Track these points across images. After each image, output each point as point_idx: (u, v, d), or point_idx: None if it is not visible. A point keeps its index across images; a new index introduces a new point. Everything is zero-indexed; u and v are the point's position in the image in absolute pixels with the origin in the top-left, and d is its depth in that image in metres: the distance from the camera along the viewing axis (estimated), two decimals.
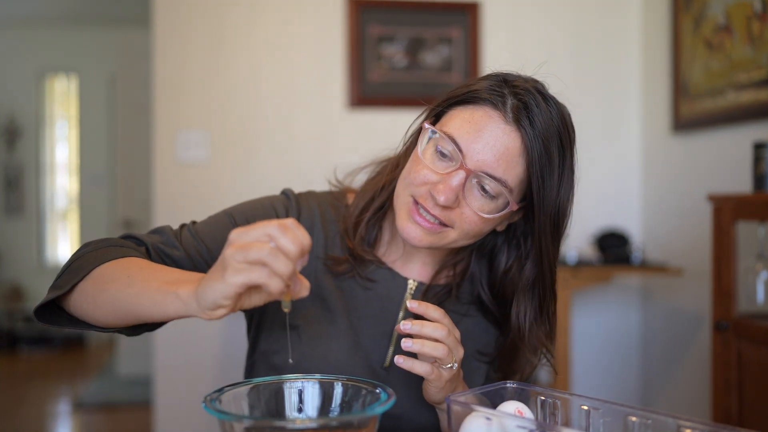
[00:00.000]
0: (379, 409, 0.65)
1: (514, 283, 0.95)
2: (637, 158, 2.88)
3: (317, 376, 0.75)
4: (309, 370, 0.91)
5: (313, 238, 0.97)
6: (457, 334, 0.83)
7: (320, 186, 1.10)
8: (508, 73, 0.89)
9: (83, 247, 0.85)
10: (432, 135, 0.88)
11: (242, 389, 0.71)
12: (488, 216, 0.86)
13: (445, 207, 0.85)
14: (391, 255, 0.99)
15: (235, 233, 0.64)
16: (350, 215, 0.98)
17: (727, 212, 1.80)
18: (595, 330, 2.87)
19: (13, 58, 5.55)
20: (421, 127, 0.91)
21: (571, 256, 2.49)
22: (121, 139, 4.51)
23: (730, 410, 1.77)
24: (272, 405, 0.73)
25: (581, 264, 2.46)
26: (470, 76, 2.73)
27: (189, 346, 2.59)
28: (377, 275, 0.97)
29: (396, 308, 0.97)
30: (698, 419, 0.66)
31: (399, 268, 0.99)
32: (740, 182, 2.17)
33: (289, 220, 0.65)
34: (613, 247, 2.61)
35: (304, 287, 0.68)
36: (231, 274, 0.62)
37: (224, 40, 2.63)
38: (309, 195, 1.02)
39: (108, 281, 0.77)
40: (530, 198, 0.87)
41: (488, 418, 0.70)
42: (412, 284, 0.97)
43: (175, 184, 2.61)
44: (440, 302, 0.97)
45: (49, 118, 5.76)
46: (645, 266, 2.50)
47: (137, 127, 4.30)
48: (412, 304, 0.81)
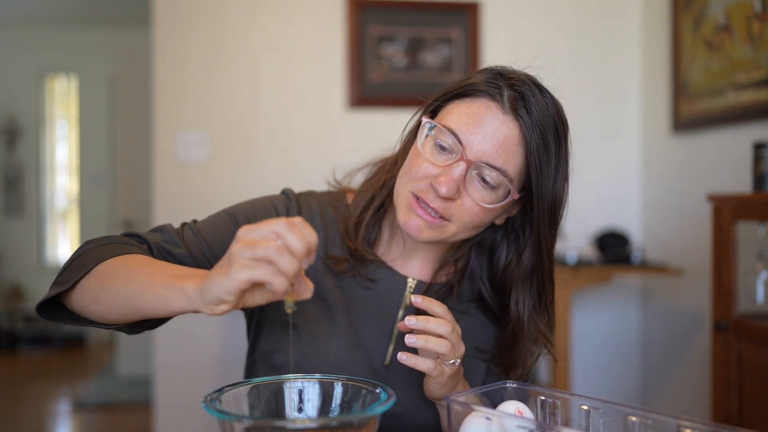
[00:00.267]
0: (379, 409, 0.65)
1: (514, 276, 0.96)
2: (637, 158, 2.88)
3: (317, 376, 0.75)
4: (309, 369, 0.91)
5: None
6: (459, 330, 0.84)
7: (320, 186, 1.10)
8: (502, 66, 0.91)
9: (85, 245, 0.86)
10: (431, 129, 0.88)
11: (242, 389, 0.71)
12: (490, 206, 0.87)
13: (446, 199, 0.86)
14: (391, 254, 1.00)
15: (243, 230, 0.65)
16: (350, 215, 0.98)
17: (727, 212, 1.80)
18: (595, 330, 2.87)
19: (13, 58, 5.55)
20: (419, 124, 0.92)
21: (571, 256, 2.49)
22: (121, 139, 4.52)
23: (730, 410, 1.77)
24: (272, 405, 0.73)
25: (581, 264, 2.46)
26: None
27: (189, 346, 2.59)
28: (377, 274, 0.98)
29: (396, 307, 0.97)
30: (698, 419, 0.66)
31: (399, 266, 0.99)
32: (740, 182, 2.17)
33: (298, 219, 0.65)
34: (613, 247, 2.61)
35: (308, 288, 0.68)
36: (236, 270, 0.62)
37: (224, 40, 2.63)
38: (309, 195, 1.03)
39: (110, 278, 0.77)
40: (529, 188, 0.89)
41: (488, 418, 0.70)
42: (411, 282, 0.98)
43: (175, 184, 2.61)
44: (441, 300, 0.97)
45: (49, 118, 5.76)
46: (645, 266, 2.50)
47: (137, 127, 4.30)
48: (416, 299, 0.82)
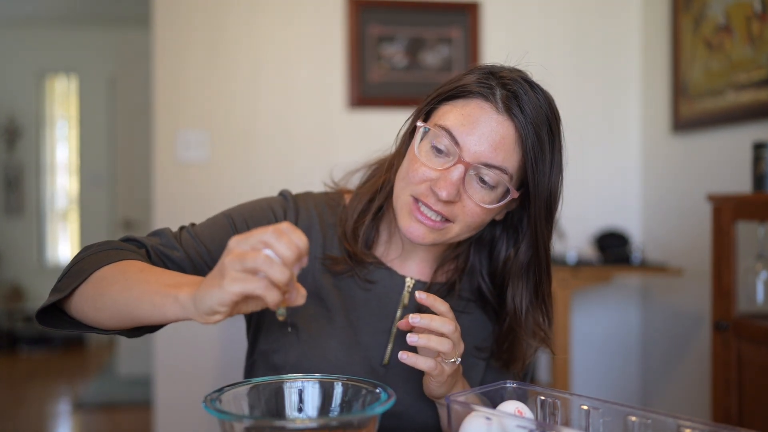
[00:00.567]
0: (379, 408, 0.65)
1: (511, 270, 0.96)
2: (637, 158, 2.88)
3: (317, 376, 0.75)
4: (308, 369, 0.91)
5: (312, 238, 0.98)
6: (459, 328, 0.84)
7: (320, 186, 1.10)
8: (492, 65, 0.91)
9: (84, 251, 0.86)
10: (426, 132, 0.88)
11: (242, 389, 0.71)
12: (490, 206, 0.87)
13: (447, 202, 0.86)
14: (389, 254, 1.00)
15: (234, 241, 0.65)
16: (348, 218, 0.99)
17: (727, 212, 1.80)
18: (595, 330, 2.87)
19: (13, 58, 5.55)
20: (413, 127, 0.92)
21: (571, 256, 2.49)
22: (121, 139, 4.51)
23: (730, 410, 1.77)
24: (272, 405, 0.73)
25: (581, 264, 2.46)
26: None
27: (189, 346, 2.59)
28: (376, 275, 0.98)
29: (394, 306, 0.97)
30: (698, 419, 0.66)
31: (397, 266, 1.00)
32: (740, 182, 2.17)
33: (284, 224, 0.65)
34: (613, 247, 2.61)
35: (301, 295, 0.68)
36: (229, 283, 0.62)
37: (224, 40, 2.63)
38: (306, 196, 1.03)
39: (108, 284, 0.77)
40: (526, 184, 0.89)
41: (488, 418, 0.70)
42: (409, 282, 0.98)
43: (175, 184, 2.61)
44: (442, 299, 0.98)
45: (49, 118, 5.76)
46: (645, 266, 2.50)
47: (137, 127, 4.30)
48: (420, 295, 0.82)
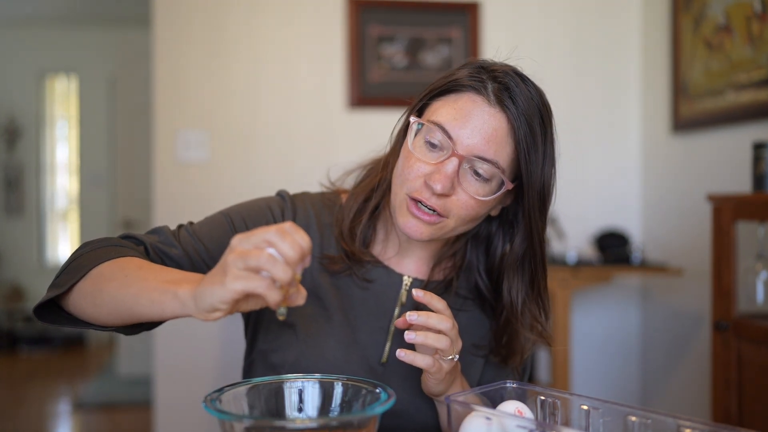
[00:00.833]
0: (379, 408, 0.65)
1: (507, 264, 0.96)
2: (637, 158, 2.88)
3: (317, 376, 0.75)
4: (307, 368, 0.92)
5: (309, 238, 0.98)
6: (457, 326, 0.84)
7: (320, 186, 1.10)
8: (483, 60, 0.92)
9: (82, 247, 0.86)
10: (419, 128, 0.89)
11: (242, 389, 0.71)
12: (485, 199, 0.88)
13: (441, 195, 0.86)
14: (387, 252, 1.00)
15: (237, 239, 0.65)
16: (344, 218, 0.99)
17: (727, 212, 1.80)
18: (595, 330, 2.87)
19: (13, 58, 5.55)
20: (407, 124, 0.93)
21: (571, 256, 2.49)
22: (121, 139, 4.51)
23: (730, 410, 1.77)
24: (272, 405, 0.73)
25: (581, 264, 2.46)
26: None
27: (189, 346, 2.59)
28: (373, 274, 0.98)
29: (392, 305, 0.98)
30: (698, 419, 0.66)
31: (394, 265, 1.00)
32: (740, 182, 2.17)
33: (287, 224, 0.65)
34: (613, 247, 2.61)
35: (301, 296, 0.68)
36: (231, 281, 0.62)
37: (224, 40, 2.63)
38: (303, 196, 1.03)
39: (106, 281, 0.77)
40: (519, 177, 0.90)
41: (488, 418, 0.70)
42: (407, 280, 0.99)
43: (175, 184, 2.61)
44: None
45: (49, 118, 5.76)
46: (645, 266, 2.50)
47: (137, 127, 4.30)
48: (417, 293, 0.82)
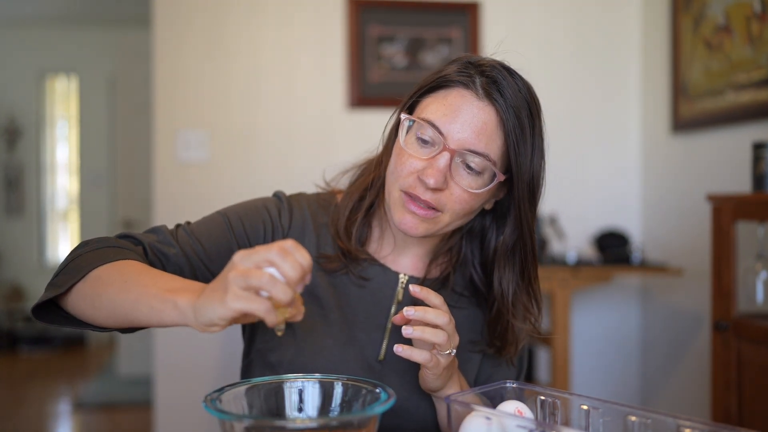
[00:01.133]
0: (379, 408, 0.65)
1: (499, 254, 0.97)
2: (637, 158, 2.88)
3: (317, 375, 0.75)
4: (305, 366, 0.92)
5: (306, 238, 0.99)
6: (454, 321, 0.85)
7: (316, 187, 1.11)
8: (471, 55, 0.93)
9: (81, 246, 0.86)
10: (410, 125, 0.91)
11: (242, 389, 0.71)
12: (478, 191, 0.89)
13: (435, 190, 0.87)
14: (382, 250, 1.01)
15: (239, 256, 0.65)
16: (340, 217, 1.00)
17: (727, 212, 1.80)
18: (595, 330, 2.87)
19: (13, 58, 5.55)
20: (398, 122, 0.93)
21: (571, 256, 2.49)
22: (121, 139, 4.51)
23: (730, 410, 1.77)
24: (272, 405, 0.73)
25: (581, 264, 2.46)
26: None
27: (189, 346, 2.59)
28: (369, 272, 0.99)
29: (388, 302, 0.98)
30: (698, 419, 0.66)
31: (390, 263, 1.01)
32: (740, 182, 2.17)
33: (289, 242, 0.65)
34: (613, 247, 2.61)
35: (300, 312, 0.69)
36: (231, 299, 0.63)
37: (224, 40, 2.63)
38: (299, 197, 1.04)
39: (105, 284, 0.77)
40: (510, 168, 0.91)
41: (488, 418, 0.70)
42: (403, 278, 0.99)
43: (175, 184, 2.61)
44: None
45: (49, 118, 5.76)
46: (645, 266, 2.50)
47: (137, 127, 4.30)
48: (414, 289, 0.83)
